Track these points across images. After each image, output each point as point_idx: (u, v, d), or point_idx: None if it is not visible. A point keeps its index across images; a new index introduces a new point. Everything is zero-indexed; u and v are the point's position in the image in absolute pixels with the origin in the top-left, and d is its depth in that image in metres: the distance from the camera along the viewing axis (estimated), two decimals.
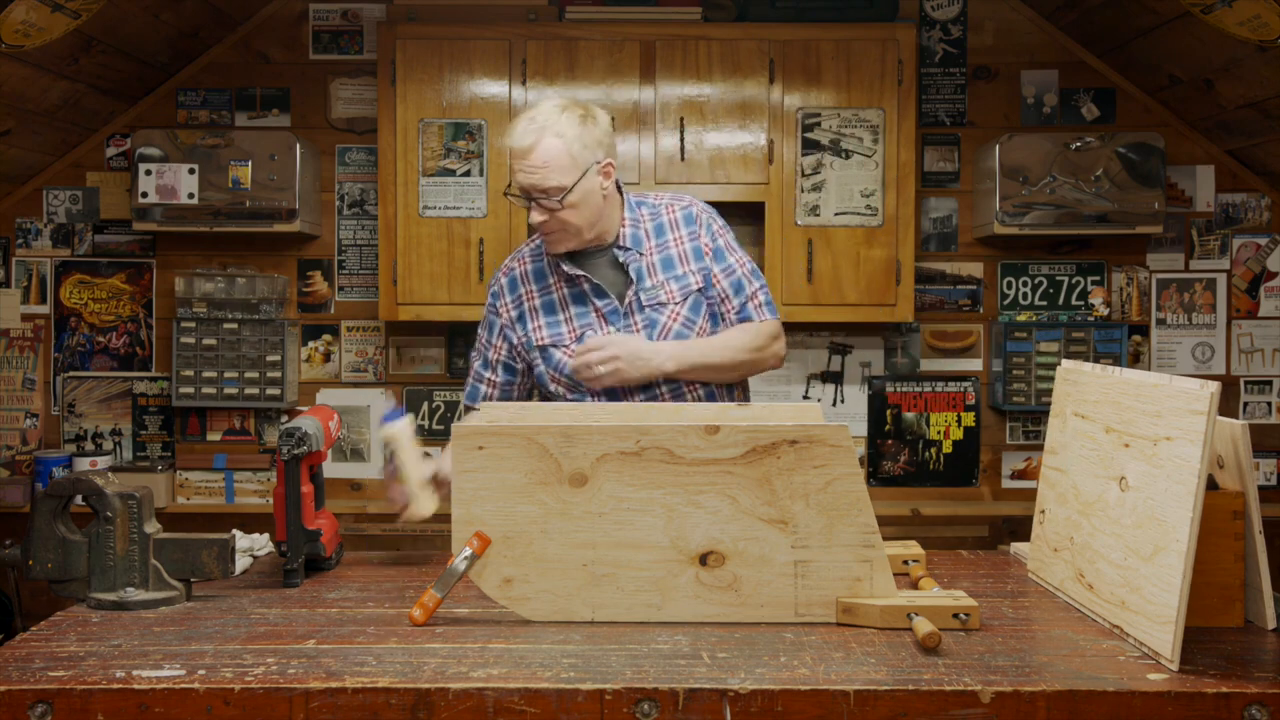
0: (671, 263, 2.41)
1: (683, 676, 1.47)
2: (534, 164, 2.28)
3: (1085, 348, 4.06)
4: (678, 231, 2.43)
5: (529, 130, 2.30)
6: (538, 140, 2.29)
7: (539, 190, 2.30)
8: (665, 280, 2.39)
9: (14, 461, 4.19)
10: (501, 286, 2.48)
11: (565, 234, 2.34)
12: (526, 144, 2.29)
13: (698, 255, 2.42)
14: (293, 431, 1.94)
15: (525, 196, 2.32)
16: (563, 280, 2.42)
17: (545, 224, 2.32)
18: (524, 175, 2.30)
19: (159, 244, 4.22)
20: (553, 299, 2.43)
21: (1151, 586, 1.57)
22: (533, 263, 2.47)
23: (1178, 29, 3.60)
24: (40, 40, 3.23)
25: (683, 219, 2.45)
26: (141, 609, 1.78)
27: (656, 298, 2.38)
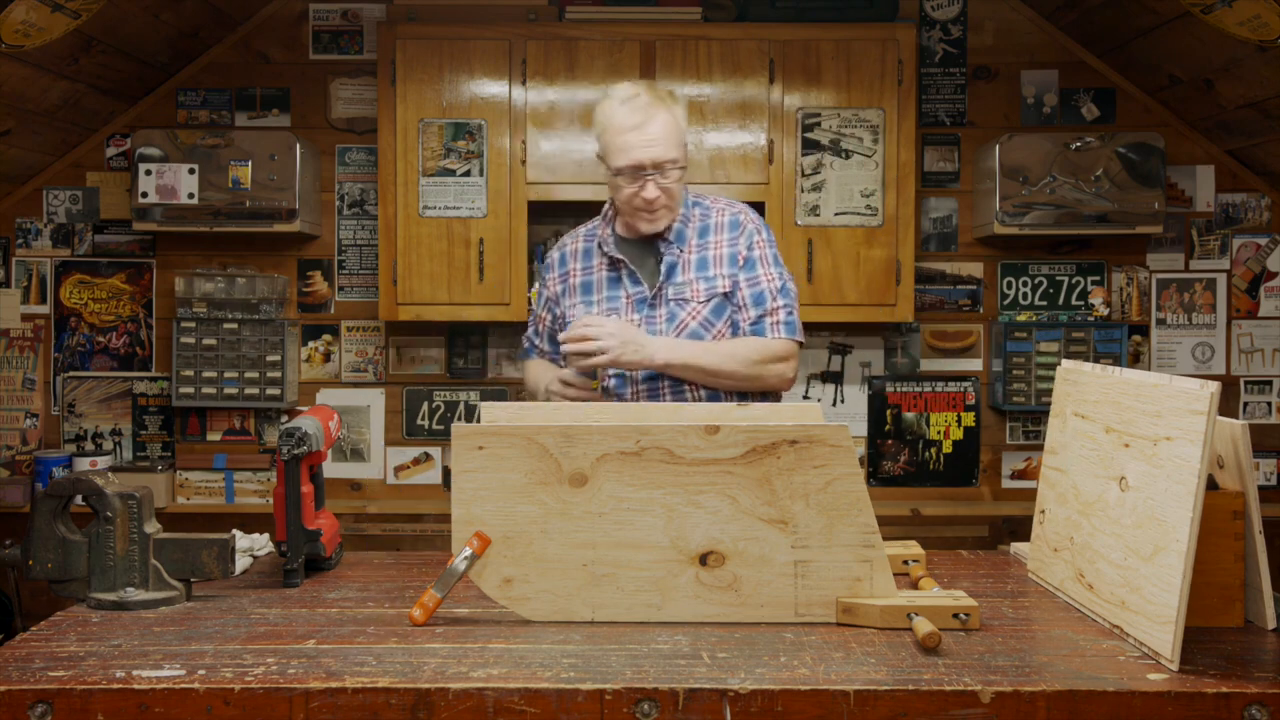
0: (706, 264, 2.45)
1: (683, 676, 1.47)
2: (652, 137, 2.33)
3: (1085, 348, 4.06)
4: (720, 235, 2.47)
5: (637, 106, 2.35)
6: (651, 115, 2.35)
7: (659, 163, 2.34)
8: (695, 279, 2.43)
9: (14, 461, 4.19)
10: (553, 260, 2.58)
11: (670, 208, 2.42)
12: (638, 119, 2.34)
13: (732, 261, 2.44)
14: (293, 431, 1.94)
15: (639, 172, 2.34)
16: (605, 262, 2.49)
17: (658, 199, 2.37)
18: (641, 150, 2.33)
19: (159, 244, 4.22)
20: (592, 279, 2.50)
21: (1151, 586, 1.57)
22: (584, 242, 2.54)
23: (1178, 29, 3.60)
24: (40, 40, 3.23)
25: (728, 223, 2.48)
26: (141, 609, 1.78)
27: (682, 294, 2.42)
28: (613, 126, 2.36)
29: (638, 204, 2.37)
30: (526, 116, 3.90)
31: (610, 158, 2.38)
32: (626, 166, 2.34)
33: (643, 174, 2.34)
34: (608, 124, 2.37)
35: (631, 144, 2.33)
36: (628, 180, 2.36)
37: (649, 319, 2.41)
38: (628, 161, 2.34)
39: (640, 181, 2.35)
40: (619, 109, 2.36)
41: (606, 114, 2.39)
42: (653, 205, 2.37)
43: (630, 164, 2.34)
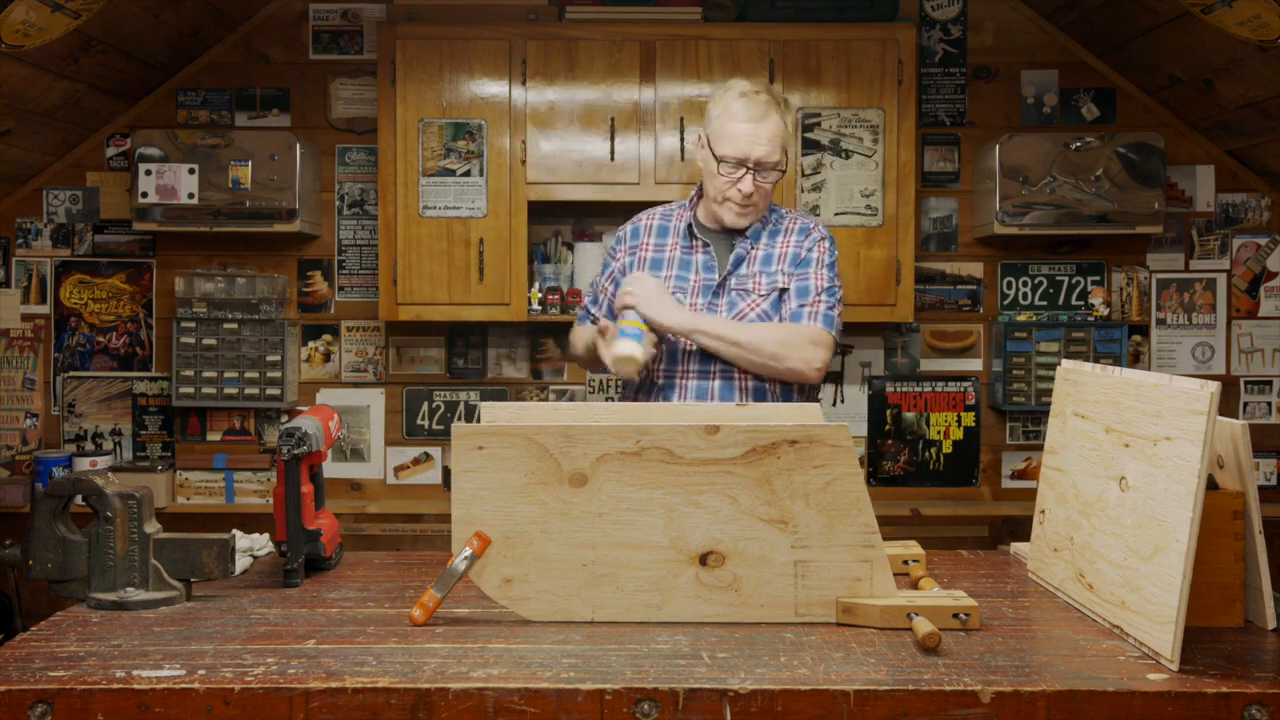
0: (770, 260, 2.51)
1: (683, 676, 1.47)
2: (765, 136, 2.41)
3: (1085, 348, 4.06)
4: (789, 238, 2.54)
5: (757, 102, 2.42)
6: (768, 114, 2.42)
7: (766, 163, 2.42)
8: (758, 273, 2.50)
9: (14, 461, 4.19)
10: (625, 233, 2.63)
11: (758, 209, 2.49)
12: (755, 114, 2.41)
13: (794, 260, 2.51)
14: (293, 431, 1.94)
15: (740, 165, 2.41)
16: (679, 243, 2.55)
17: (751, 196, 2.43)
18: (751, 145, 2.40)
19: (159, 244, 4.22)
20: (663, 256, 2.56)
21: (1151, 586, 1.57)
22: (660, 220, 2.61)
23: (1178, 29, 3.60)
24: (40, 40, 3.23)
25: (798, 229, 2.56)
26: (141, 609, 1.78)
27: (745, 285, 2.49)
28: (729, 114, 2.42)
29: (731, 195, 2.44)
30: (526, 116, 3.90)
31: (717, 144, 2.44)
32: (731, 156, 2.41)
33: (744, 167, 2.41)
34: (724, 111, 2.43)
35: (742, 135, 2.40)
36: (729, 170, 2.42)
37: (711, 305, 2.48)
38: (734, 151, 2.41)
39: (740, 174, 2.41)
40: (738, 100, 2.42)
41: (724, 102, 2.45)
42: (746, 200, 2.43)
43: (736, 154, 2.41)
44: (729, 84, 2.50)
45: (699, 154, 2.54)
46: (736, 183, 2.42)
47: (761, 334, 2.42)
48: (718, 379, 2.45)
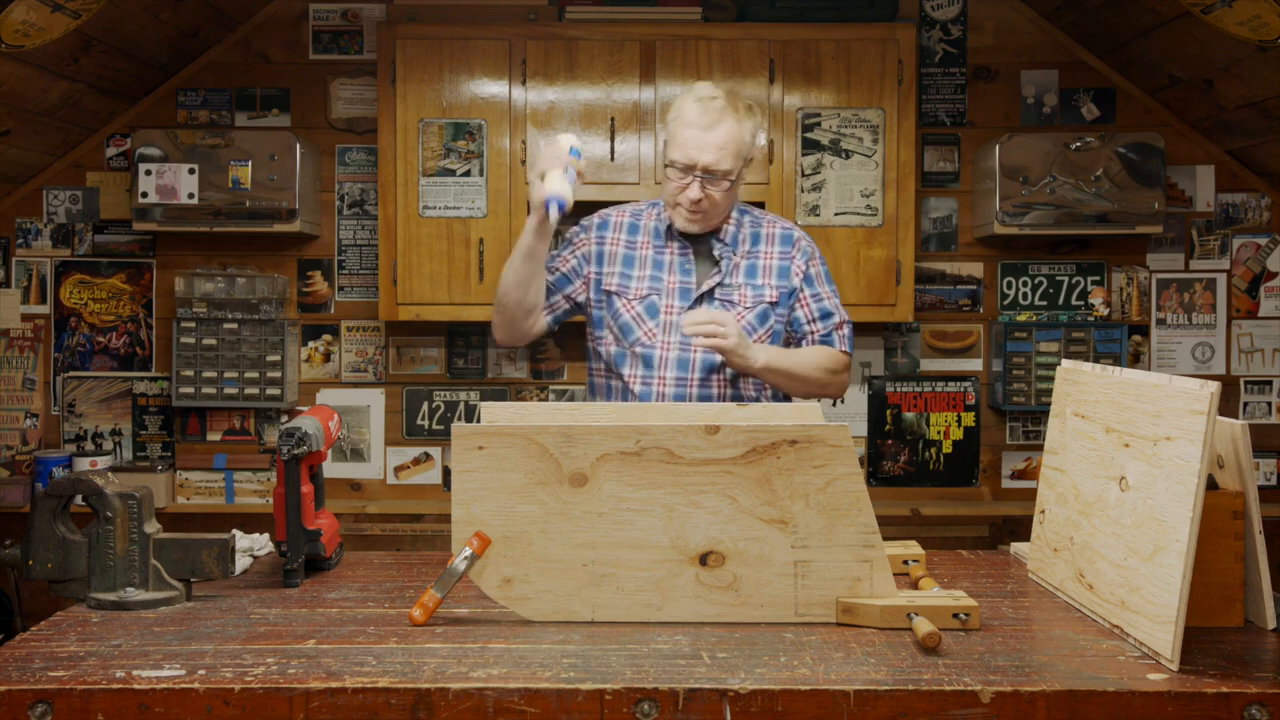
0: (755, 272, 2.49)
1: (683, 676, 1.47)
2: (714, 142, 2.36)
3: (1085, 348, 4.06)
4: (771, 247, 2.52)
5: (712, 107, 2.37)
6: (720, 120, 2.36)
7: (713, 170, 2.37)
8: (743, 284, 2.47)
9: (14, 461, 4.20)
10: (593, 222, 2.59)
11: (710, 215, 2.43)
12: (707, 120, 2.36)
13: (782, 274, 2.50)
14: (293, 431, 1.94)
15: (688, 171, 2.37)
16: (652, 241, 2.51)
17: (699, 203, 2.39)
18: (699, 152, 2.36)
19: (159, 244, 4.22)
20: (634, 254, 2.52)
21: (1151, 586, 1.57)
22: (630, 218, 2.57)
23: (1178, 29, 3.60)
24: (40, 40, 3.23)
25: (780, 237, 2.54)
26: (141, 609, 1.78)
27: (730, 296, 2.46)
28: (680, 118, 2.39)
29: (679, 200, 2.41)
30: (526, 116, 3.90)
31: (669, 147, 2.43)
32: (679, 161, 2.39)
33: (692, 173, 2.37)
34: (677, 115, 2.41)
35: (690, 141, 2.36)
36: (677, 174, 2.40)
37: (689, 310, 2.44)
38: (681, 157, 2.38)
39: (688, 179, 2.38)
40: (693, 105, 2.38)
41: (680, 106, 2.42)
42: (694, 207, 2.40)
43: (683, 160, 2.38)
44: (692, 87, 2.46)
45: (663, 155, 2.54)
46: (684, 189, 2.39)
47: (816, 365, 2.45)
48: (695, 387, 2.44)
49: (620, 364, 2.48)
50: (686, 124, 2.37)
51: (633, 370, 2.46)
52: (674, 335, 2.44)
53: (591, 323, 2.55)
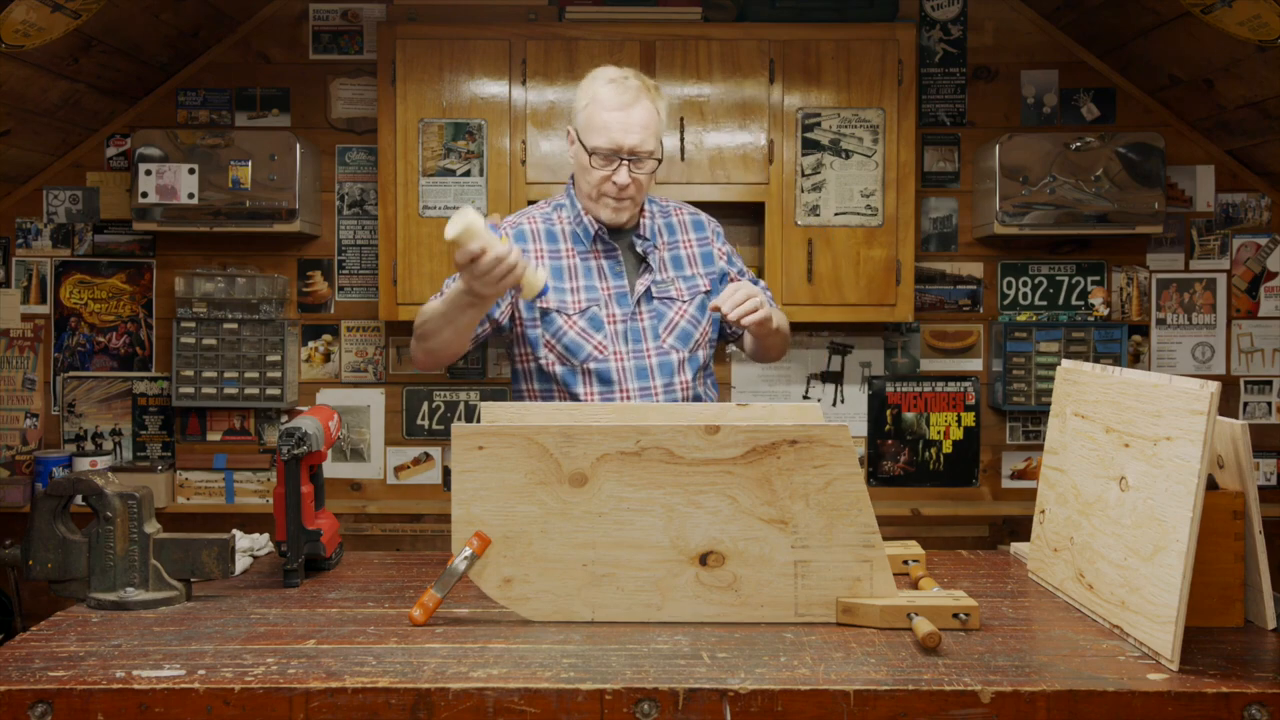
0: (681, 262, 2.44)
1: (683, 676, 1.47)
2: (637, 122, 2.26)
3: (1085, 348, 4.06)
4: (687, 234, 2.48)
5: (627, 88, 2.27)
6: (637, 99, 2.27)
7: (639, 152, 2.27)
8: (675, 278, 2.42)
9: (14, 461, 4.20)
10: (507, 235, 2.35)
11: (635, 202, 2.34)
12: (625, 100, 2.26)
13: (707, 260, 2.46)
14: (293, 431, 1.94)
15: (614, 156, 2.27)
16: (574, 248, 2.38)
17: (627, 189, 2.29)
18: (623, 134, 2.25)
19: (159, 244, 4.22)
20: (562, 264, 2.37)
21: (1151, 586, 1.57)
22: (543, 224, 2.42)
23: (1178, 29, 3.60)
24: (40, 40, 3.23)
25: (691, 223, 2.49)
26: (141, 609, 1.78)
27: (667, 293, 2.40)
28: (596, 102, 2.27)
29: (606, 189, 2.29)
30: (526, 116, 3.90)
31: (587, 135, 2.29)
32: (603, 147, 2.27)
33: (618, 158, 2.27)
34: (592, 100, 2.28)
35: (613, 124, 2.25)
36: (601, 162, 2.28)
37: (632, 315, 2.37)
38: (606, 141, 2.26)
39: (614, 165, 2.27)
40: (606, 87, 2.27)
41: (591, 90, 2.30)
42: (622, 193, 2.29)
43: (608, 145, 2.26)
44: (594, 72, 2.35)
45: (569, 150, 2.39)
46: (611, 175, 2.27)
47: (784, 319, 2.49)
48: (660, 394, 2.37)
49: (572, 383, 2.35)
50: (605, 107, 2.26)
51: (589, 388, 2.34)
52: (625, 345, 2.35)
53: (522, 342, 2.39)
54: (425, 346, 2.26)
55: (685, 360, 2.40)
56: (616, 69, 2.34)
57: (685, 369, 2.39)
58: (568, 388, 2.37)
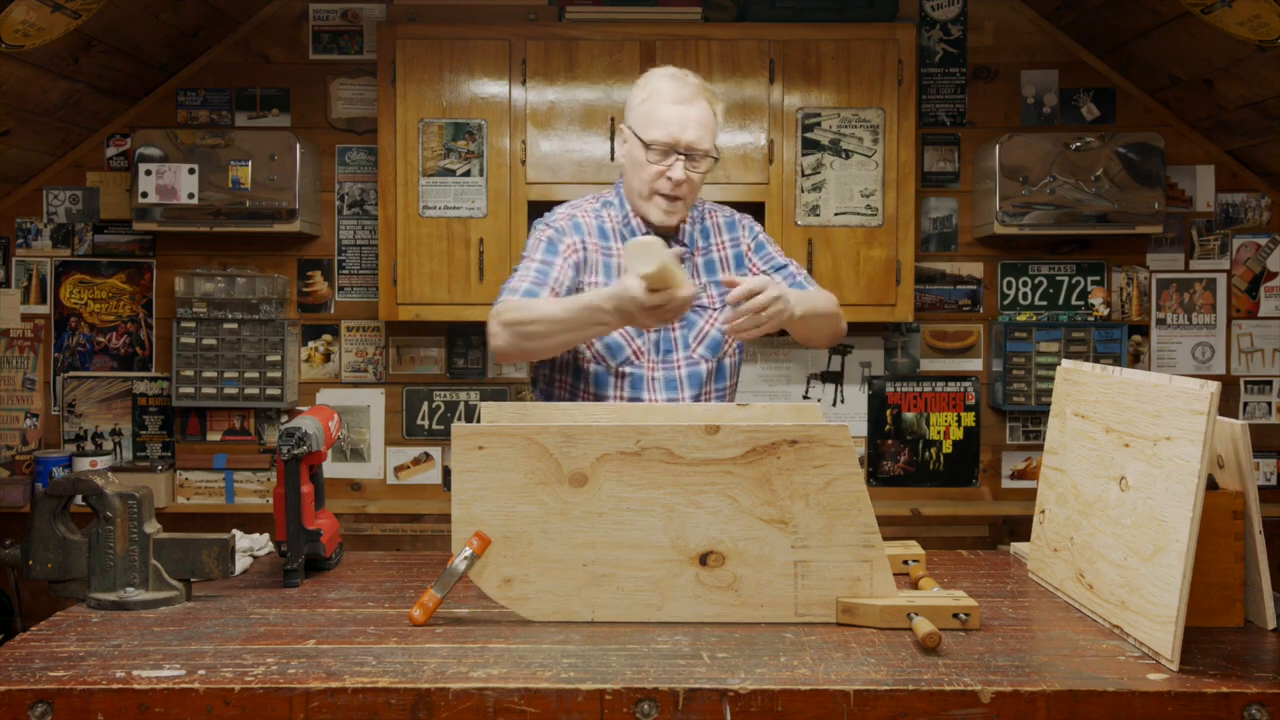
0: (714, 267, 2.39)
1: (683, 676, 1.47)
2: (696, 118, 2.22)
3: (1085, 348, 4.06)
4: (720, 237, 2.42)
5: (687, 84, 2.24)
6: (696, 96, 2.24)
7: (696, 149, 2.22)
8: (708, 284, 2.37)
9: (14, 461, 4.20)
10: (565, 226, 2.34)
11: (686, 203, 2.29)
12: (685, 95, 2.22)
13: (738, 262, 2.41)
14: (293, 431, 1.94)
15: (670, 151, 2.22)
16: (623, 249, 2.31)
17: (681, 185, 2.24)
18: (681, 129, 2.21)
19: (159, 244, 4.22)
20: (612, 263, 2.33)
21: (1151, 586, 1.57)
22: (595, 219, 2.37)
23: (1178, 29, 3.60)
24: (40, 40, 3.23)
25: (725, 225, 2.44)
26: (141, 609, 1.78)
27: (699, 300, 2.34)
28: (656, 96, 2.23)
29: (660, 186, 2.25)
30: (526, 116, 3.90)
31: (645, 128, 2.24)
32: (661, 141, 2.22)
33: (675, 153, 2.22)
34: (651, 93, 2.24)
35: (671, 118, 2.21)
36: (657, 157, 2.23)
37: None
38: (663, 136, 2.21)
39: (670, 160, 2.22)
40: (665, 82, 2.24)
41: (651, 85, 2.26)
42: (676, 190, 2.24)
43: (666, 139, 2.21)
44: (651, 71, 2.32)
45: (621, 150, 2.35)
46: (666, 171, 2.22)
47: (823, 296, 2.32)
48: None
49: (604, 385, 2.32)
50: (665, 101, 2.22)
51: (619, 392, 2.32)
52: (657, 354, 2.32)
53: None
54: (528, 346, 2.18)
55: (714, 370, 2.37)
56: (674, 68, 2.31)
57: (713, 379, 2.37)
58: (599, 389, 2.34)
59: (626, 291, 1.98)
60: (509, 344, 2.18)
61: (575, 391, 2.37)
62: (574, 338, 2.16)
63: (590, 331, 2.13)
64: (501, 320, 2.18)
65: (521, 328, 2.16)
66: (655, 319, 2.01)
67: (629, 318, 2.02)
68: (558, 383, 2.41)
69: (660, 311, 1.99)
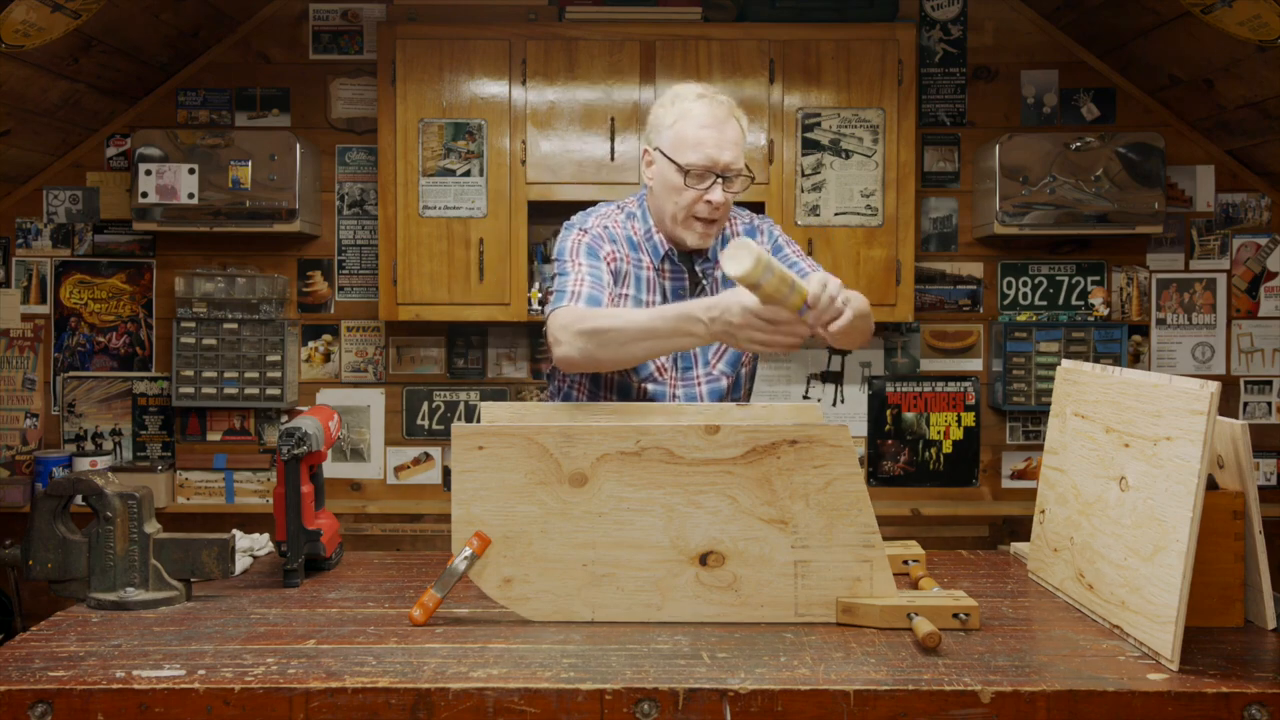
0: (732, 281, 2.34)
1: (683, 676, 1.47)
2: (731, 139, 2.17)
3: (1085, 348, 4.06)
4: None
5: (719, 104, 2.19)
6: (729, 117, 2.19)
7: (732, 170, 2.17)
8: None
9: (14, 461, 4.19)
10: (601, 234, 2.27)
11: (720, 225, 2.23)
12: (719, 117, 2.17)
13: None
14: (293, 431, 1.94)
15: (709, 172, 2.16)
16: (651, 262, 2.28)
17: (719, 208, 2.18)
18: (719, 150, 2.16)
19: (159, 244, 4.22)
20: (641, 275, 2.28)
21: (1151, 586, 1.57)
22: (624, 230, 2.31)
23: (1178, 29, 3.60)
24: (40, 40, 3.23)
25: (744, 234, 2.36)
26: (141, 609, 1.78)
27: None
28: (688, 118, 2.17)
29: (698, 210, 2.18)
30: (526, 116, 3.90)
31: (678, 152, 2.17)
32: (698, 164, 2.15)
33: (712, 175, 2.16)
34: (681, 115, 2.18)
35: (707, 140, 2.15)
36: (694, 180, 2.16)
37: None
38: (701, 158, 2.15)
39: (708, 183, 2.16)
40: (696, 103, 2.18)
41: (682, 107, 2.19)
42: (714, 213, 2.18)
43: (704, 162, 2.15)
44: (679, 90, 2.24)
45: (647, 171, 2.27)
46: (704, 195, 2.16)
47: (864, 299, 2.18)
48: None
49: (627, 396, 2.29)
50: (698, 123, 2.16)
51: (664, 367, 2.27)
52: (677, 371, 2.28)
53: None
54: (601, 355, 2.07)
55: (732, 384, 2.35)
56: (698, 84, 2.25)
57: (731, 391, 2.34)
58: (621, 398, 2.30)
59: (735, 299, 1.85)
60: (580, 352, 2.07)
61: (595, 397, 2.33)
62: (656, 347, 2.04)
63: (675, 343, 2.00)
64: (576, 329, 2.06)
65: (599, 335, 2.04)
66: (762, 335, 1.84)
67: (726, 332, 1.88)
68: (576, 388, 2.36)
69: (770, 327, 1.83)
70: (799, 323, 1.83)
